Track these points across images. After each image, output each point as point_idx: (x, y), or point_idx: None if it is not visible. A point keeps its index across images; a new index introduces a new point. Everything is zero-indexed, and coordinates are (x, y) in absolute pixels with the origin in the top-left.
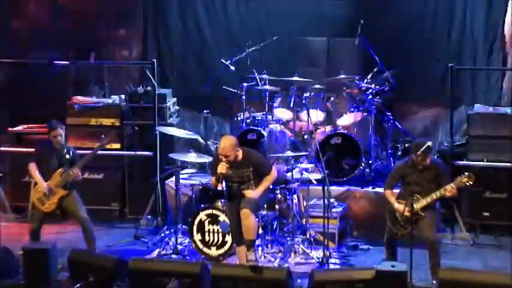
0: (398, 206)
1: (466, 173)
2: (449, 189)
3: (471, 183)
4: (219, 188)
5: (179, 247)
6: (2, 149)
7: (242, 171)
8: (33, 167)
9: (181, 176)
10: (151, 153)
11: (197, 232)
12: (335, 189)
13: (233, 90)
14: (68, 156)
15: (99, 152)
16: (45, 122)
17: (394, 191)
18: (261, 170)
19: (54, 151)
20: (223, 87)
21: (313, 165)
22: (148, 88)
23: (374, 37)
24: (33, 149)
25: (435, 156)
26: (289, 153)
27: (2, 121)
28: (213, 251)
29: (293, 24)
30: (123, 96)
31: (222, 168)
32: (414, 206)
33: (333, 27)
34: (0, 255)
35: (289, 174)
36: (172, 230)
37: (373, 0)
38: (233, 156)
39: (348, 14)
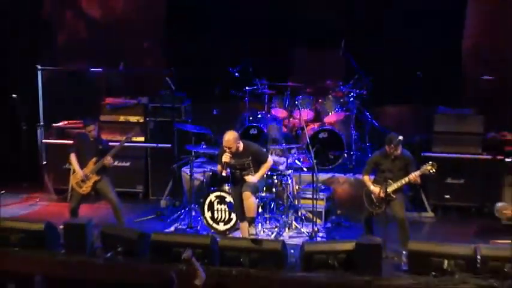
0: (374, 189)
1: (430, 162)
2: (414, 176)
3: (434, 170)
4: (224, 174)
5: (193, 223)
6: (47, 141)
7: (243, 160)
8: (73, 157)
9: (194, 164)
10: (169, 145)
11: (207, 210)
12: (322, 176)
13: (238, 93)
14: (100, 147)
15: (127, 143)
16: (82, 119)
17: (371, 177)
18: (259, 159)
19: (89, 143)
20: (231, 90)
21: (304, 155)
22: (168, 91)
23: (355, 49)
24: (72, 141)
25: (405, 149)
26: (284, 145)
27: (47, 118)
28: (221, 226)
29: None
30: (146, 98)
31: (225, 157)
32: (387, 189)
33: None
34: (45, 229)
35: (283, 160)
36: (187, 209)
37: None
38: (235, 147)
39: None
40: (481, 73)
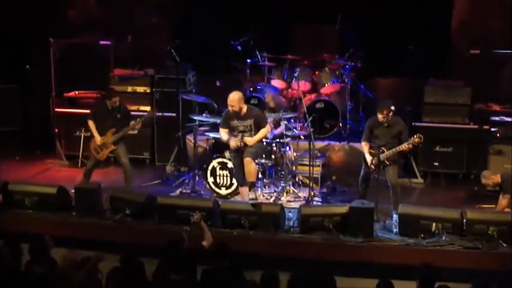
0: (369, 156)
1: (417, 134)
2: (406, 146)
3: (421, 141)
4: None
5: (196, 188)
6: (59, 110)
7: (246, 121)
8: (91, 123)
9: (198, 132)
10: (174, 114)
11: (210, 176)
12: (318, 143)
13: (239, 65)
14: (119, 116)
15: (135, 113)
16: (93, 89)
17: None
18: (260, 123)
19: (108, 111)
20: (232, 62)
21: (302, 124)
22: (173, 63)
23: (350, 24)
24: (90, 109)
25: (397, 117)
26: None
27: (60, 88)
28: (223, 191)
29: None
30: (153, 69)
31: (233, 142)
32: (380, 156)
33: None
34: (57, 193)
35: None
36: (191, 174)
37: None
38: (238, 107)
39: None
40: (469, 47)
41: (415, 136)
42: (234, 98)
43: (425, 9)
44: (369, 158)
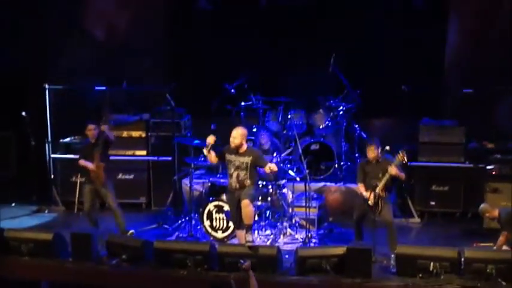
0: (366, 193)
1: (399, 151)
2: (391, 168)
3: (405, 158)
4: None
5: (193, 231)
6: (55, 156)
7: (243, 158)
8: (81, 161)
9: (194, 176)
10: (170, 158)
11: (207, 219)
12: (314, 185)
13: (234, 108)
14: (99, 142)
15: (131, 157)
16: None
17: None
18: (259, 162)
19: (91, 145)
20: (227, 106)
21: (297, 166)
22: (168, 107)
23: (344, 65)
24: (78, 153)
25: (388, 155)
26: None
27: (55, 134)
28: (219, 234)
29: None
30: (148, 114)
31: (209, 139)
32: (376, 190)
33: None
34: (54, 239)
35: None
36: (187, 218)
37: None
38: (239, 141)
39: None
40: (462, 86)
41: (399, 154)
42: (238, 132)
43: (418, 50)
44: (366, 194)
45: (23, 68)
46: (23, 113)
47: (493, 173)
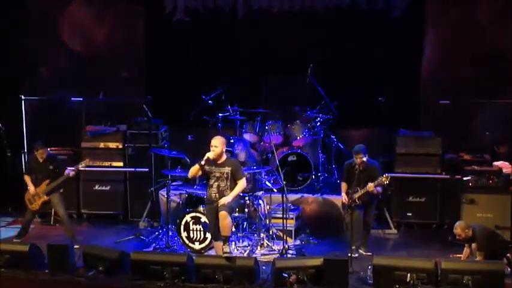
0: (344, 195)
1: (385, 175)
2: (370, 186)
3: (387, 182)
4: (196, 174)
5: (170, 243)
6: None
7: (223, 168)
8: (26, 178)
9: (171, 187)
10: (147, 169)
11: (184, 231)
12: (291, 196)
13: (211, 119)
14: (51, 167)
15: (108, 169)
16: (65, 146)
17: None
18: (236, 174)
19: (39, 164)
20: (204, 116)
21: (275, 177)
22: (145, 118)
23: (322, 77)
24: (26, 165)
25: (373, 161)
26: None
27: (31, 145)
28: (197, 245)
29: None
30: (125, 125)
31: (210, 153)
32: (353, 195)
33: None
34: (30, 251)
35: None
36: (164, 230)
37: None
38: (220, 149)
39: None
40: (439, 97)
41: (383, 176)
42: (219, 141)
43: (395, 61)
44: (344, 196)
45: None
46: None
47: (470, 184)
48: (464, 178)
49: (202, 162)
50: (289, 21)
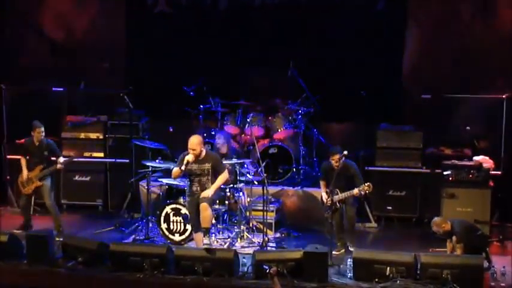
0: (325, 195)
1: (367, 183)
2: (356, 192)
3: (370, 190)
4: (183, 168)
5: (150, 234)
6: (11, 157)
7: (204, 165)
8: (22, 161)
9: (151, 178)
10: (128, 160)
11: (164, 222)
12: (272, 189)
13: (192, 110)
14: (46, 153)
15: (88, 159)
16: (45, 136)
17: None
18: (218, 168)
19: (35, 147)
20: (185, 108)
21: (255, 170)
22: (126, 109)
23: (303, 69)
24: (21, 147)
25: (350, 161)
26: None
27: (11, 135)
28: (177, 237)
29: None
30: (106, 116)
31: (190, 157)
32: (334, 198)
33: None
34: (9, 241)
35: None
36: (144, 221)
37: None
38: (199, 150)
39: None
40: (420, 92)
41: (365, 184)
42: (194, 142)
43: (377, 55)
44: (324, 196)
45: None
46: None
47: (450, 178)
48: (445, 172)
49: (183, 168)
50: (271, 13)
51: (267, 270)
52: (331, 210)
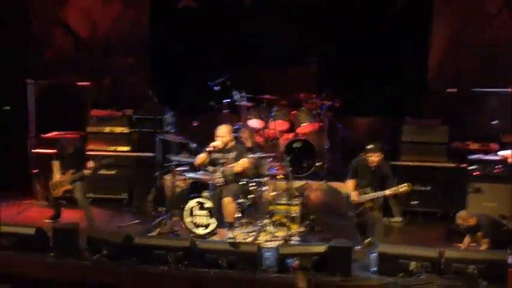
0: (353, 193)
1: (406, 183)
2: (388, 193)
3: (409, 190)
4: (204, 162)
5: (174, 228)
6: (37, 151)
7: (228, 154)
8: (55, 164)
9: (176, 172)
10: (152, 154)
11: (188, 216)
12: (296, 183)
13: (217, 105)
14: (77, 157)
15: (113, 153)
16: (71, 130)
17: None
18: (240, 158)
19: (68, 152)
20: (210, 102)
21: (279, 164)
22: (151, 104)
23: (328, 63)
24: (55, 151)
25: (386, 162)
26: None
27: (38, 129)
28: (201, 231)
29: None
30: (131, 110)
31: (217, 142)
32: (362, 197)
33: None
34: (36, 234)
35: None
36: (169, 214)
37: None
38: (227, 139)
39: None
40: (445, 86)
41: (404, 184)
42: (224, 130)
43: (402, 48)
44: (354, 194)
45: (5, 62)
46: (6, 108)
47: (476, 173)
48: (470, 167)
49: (208, 149)
50: (296, 8)
51: (290, 265)
52: (360, 210)
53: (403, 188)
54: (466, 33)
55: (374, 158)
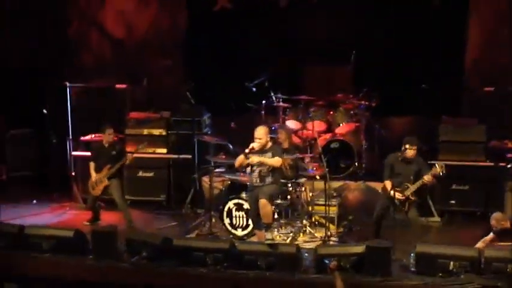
0: (394, 193)
1: (439, 163)
2: (428, 177)
3: (443, 170)
4: (242, 164)
5: (213, 229)
6: (76, 153)
7: (265, 155)
8: (91, 165)
9: (214, 174)
10: (190, 156)
11: (226, 217)
12: (334, 183)
13: (254, 106)
14: (113, 153)
15: (151, 155)
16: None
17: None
18: (276, 156)
19: (104, 149)
20: (247, 103)
21: (317, 164)
22: (188, 105)
23: (364, 63)
24: (90, 152)
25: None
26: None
27: (76, 132)
28: (239, 232)
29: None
30: (168, 112)
31: (255, 144)
32: (405, 192)
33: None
34: (74, 236)
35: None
36: (207, 216)
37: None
38: (265, 140)
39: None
40: (482, 84)
41: (437, 166)
42: (262, 132)
43: (438, 48)
44: (397, 194)
45: (42, 64)
46: (44, 111)
47: None
48: (509, 166)
49: (247, 151)
50: (330, 9)
51: (328, 265)
52: (405, 206)
53: (437, 169)
54: (502, 30)
55: (411, 151)
